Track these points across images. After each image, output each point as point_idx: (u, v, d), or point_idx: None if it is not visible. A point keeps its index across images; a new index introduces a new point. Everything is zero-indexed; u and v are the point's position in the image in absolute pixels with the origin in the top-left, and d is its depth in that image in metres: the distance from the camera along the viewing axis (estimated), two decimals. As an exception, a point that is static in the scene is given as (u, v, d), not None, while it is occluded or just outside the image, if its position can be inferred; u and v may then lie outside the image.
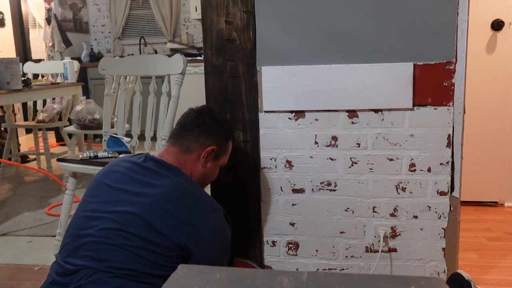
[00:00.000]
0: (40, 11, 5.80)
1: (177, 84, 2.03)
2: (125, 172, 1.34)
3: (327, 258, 1.76)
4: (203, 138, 1.43)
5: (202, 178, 1.46)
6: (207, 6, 1.67)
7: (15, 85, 3.07)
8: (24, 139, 5.59)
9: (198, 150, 1.42)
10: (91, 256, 1.20)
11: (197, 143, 1.42)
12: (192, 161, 1.42)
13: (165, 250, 1.21)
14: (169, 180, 1.31)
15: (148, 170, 1.33)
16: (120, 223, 1.22)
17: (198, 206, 1.29)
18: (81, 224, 1.27)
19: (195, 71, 4.79)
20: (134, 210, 1.23)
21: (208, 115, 1.49)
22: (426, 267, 1.70)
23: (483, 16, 2.64)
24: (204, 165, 1.44)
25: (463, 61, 1.56)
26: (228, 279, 0.55)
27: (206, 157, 1.43)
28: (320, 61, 1.63)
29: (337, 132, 1.67)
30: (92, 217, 1.27)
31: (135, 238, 1.20)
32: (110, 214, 1.25)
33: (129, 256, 1.19)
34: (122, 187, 1.30)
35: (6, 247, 2.43)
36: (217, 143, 1.46)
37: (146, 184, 1.29)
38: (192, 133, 1.43)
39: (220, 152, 1.49)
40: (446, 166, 1.62)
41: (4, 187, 3.62)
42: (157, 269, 1.21)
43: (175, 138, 1.45)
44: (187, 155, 1.42)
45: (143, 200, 1.25)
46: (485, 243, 2.28)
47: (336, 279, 0.56)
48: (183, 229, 1.23)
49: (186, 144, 1.42)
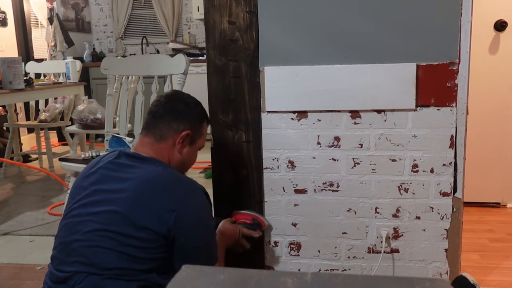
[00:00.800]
0: (42, 10, 5.81)
1: (179, 84, 2.03)
2: (101, 172, 1.32)
3: (329, 258, 1.76)
4: (176, 124, 1.38)
5: (181, 164, 1.42)
6: (210, 6, 1.67)
7: (17, 84, 3.08)
8: (26, 138, 5.60)
9: (172, 136, 1.38)
10: (80, 261, 1.20)
11: (171, 130, 1.38)
12: (168, 149, 1.38)
13: (150, 243, 1.20)
14: (142, 171, 1.28)
15: (122, 165, 1.31)
16: (102, 223, 1.21)
17: (175, 190, 1.26)
18: (66, 231, 1.27)
19: (197, 71, 4.79)
20: (113, 208, 1.22)
21: (178, 100, 1.43)
22: (429, 268, 1.70)
23: (486, 16, 2.64)
24: (181, 151, 1.39)
25: (466, 61, 1.55)
26: (232, 280, 0.55)
27: (181, 142, 1.39)
28: (322, 61, 1.63)
29: (340, 132, 1.67)
30: (75, 222, 1.26)
31: (119, 237, 1.19)
32: (91, 216, 1.23)
33: (116, 255, 1.18)
34: (99, 187, 1.28)
35: (8, 247, 2.43)
36: (191, 126, 1.40)
37: (120, 180, 1.27)
38: (164, 120, 1.38)
39: (196, 136, 1.43)
40: (449, 167, 1.62)
41: (6, 187, 3.62)
42: (146, 264, 1.20)
43: (147, 128, 1.40)
44: (162, 143, 1.37)
45: (119, 196, 1.23)
46: (488, 244, 2.27)
47: (341, 280, 0.55)
48: (164, 216, 1.21)
49: (160, 133, 1.37)
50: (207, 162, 3.95)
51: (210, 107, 1.73)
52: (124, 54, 6.08)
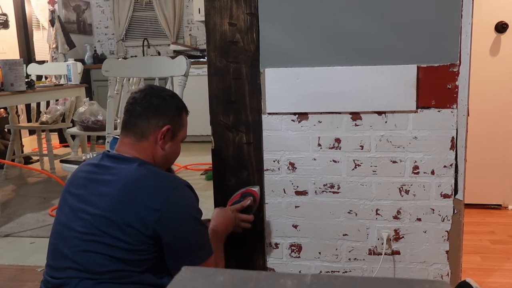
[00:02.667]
0: (43, 12, 5.83)
1: (180, 86, 2.03)
2: (85, 176, 1.31)
3: (330, 260, 1.76)
4: (155, 120, 1.34)
5: (165, 159, 1.39)
6: (211, 8, 1.67)
7: (19, 86, 3.08)
8: (27, 140, 5.61)
9: (153, 133, 1.34)
10: (72, 267, 1.19)
11: (150, 126, 1.34)
12: (150, 146, 1.34)
13: (138, 245, 1.19)
14: (123, 172, 1.26)
15: (104, 167, 1.29)
16: (89, 227, 1.20)
17: (158, 189, 1.24)
18: (57, 239, 1.27)
19: (198, 73, 4.80)
20: (97, 212, 1.21)
21: (153, 95, 1.38)
22: (430, 270, 1.69)
23: (487, 18, 2.64)
24: (163, 146, 1.36)
25: (467, 63, 1.55)
26: (231, 282, 0.55)
27: (163, 138, 1.35)
28: (323, 63, 1.63)
29: (340, 134, 1.67)
30: (64, 229, 1.25)
31: (107, 240, 1.18)
32: (78, 221, 1.23)
33: (107, 259, 1.18)
34: (83, 192, 1.27)
35: (9, 248, 2.43)
36: (171, 120, 1.37)
37: (103, 183, 1.26)
38: (142, 118, 1.34)
39: (176, 129, 1.40)
40: (450, 168, 1.62)
41: (7, 188, 3.63)
42: (138, 266, 1.20)
43: (126, 127, 1.36)
44: (143, 142, 1.34)
45: (103, 199, 1.22)
46: (489, 246, 2.27)
47: (340, 282, 0.55)
48: (148, 216, 1.19)
49: (140, 131, 1.34)
50: (207, 164, 3.95)
51: (211, 109, 1.74)
52: (125, 56, 6.09)
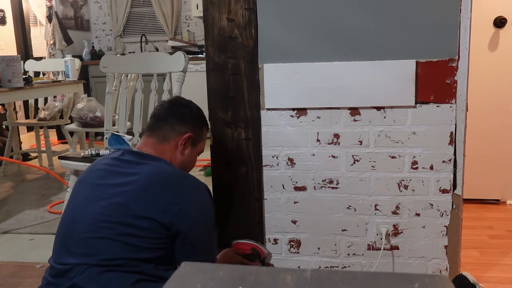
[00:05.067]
0: (41, 8, 5.80)
1: (178, 82, 2.02)
2: (105, 168, 1.36)
3: (329, 256, 1.76)
4: (178, 126, 1.45)
5: (182, 165, 1.47)
6: (209, 4, 1.67)
7: (17, 83, 3.07)
8: (25, 137, 5.59)
9: (175, 138, 1.44)
10: (81, 253, 1.22)
11: (174, 131, 1.44)
12: (170, 150, 1.44)
13: (151, 233, 1.23)
14: (148, 166, 1.33)
15: (127, 162, 1.36)
16: (104, 215, 1.24)
17: (180, 184, 1.32)
18: (68, 225, 1.30)
19: (196, 69, 4.78)
20: (117, 200, 1.25)
21: (181, 104, 1.51)
22: (428, 265, 1.70)
23: (486, 13, 2.63)
24: (183, 152, 1.46)
25: (465, 58, 1.55)
26: (231, 277, 0.55)
27: (183, 144, 1.45)
28: (322, 58, 1.63)
29: (339, 129, 1.67)
30: (78, 216, 1.28)
31: (121, 227, 1.22)
32: (94, 208, 1.26)
33: (118, 245, 1.21)
34: (103, 182, 1.32)
35: (8, 245, 2.43)
36: (193, 129, 1.47)
37: (126, 175, 1.31)
38: (167, 123, 1.45)
39: (197, 139, 1.50)
40: (449, 163, 1.62)
41: (6, 185, 3.62)
42: (146, 253, 1.23)
43: (151, 130, 1.47)
44: (164, 144, 1.43)
45: (124, 189, 1.27)
46: (487, 241, 2.27)
47: (340, 277, 0.55)
48: (168, 209, 1.25)
49: (163, 134, 1.44)
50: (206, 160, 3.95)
51: (210, 105, 1.73)
52: (123, 52, 6.07)
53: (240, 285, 0.53)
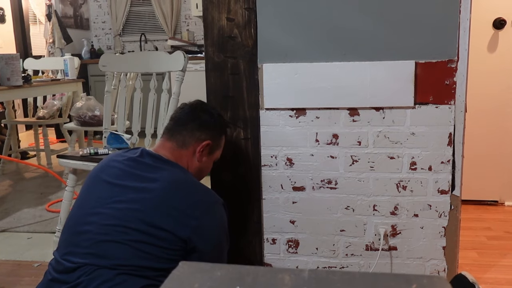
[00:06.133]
0: (40, 7, 5.80)
1: (177, 81, 2.02)
2: (122, 168, 1.33)
3: (327, 256, 1.76)
4: (198, 133, 1.43)
5: (198, 172, 1.46)
6: (208, 3, 1.67)
7: (15, 81, 3.07)
8: (24, 135, 5.59)
9: (194, 144, 1.42)
10: (92, 253, 1.19)
11: (193, 138, 1.42)
12: (188, 156, 1.42)
13: (167, 244, 1.21)
14: (168, 173, 1.31)
15: (146, 165, 1.33)
16: (120, 218, 1.21)
17: (199, 198, 1.30)
18: (80, 221, 1.26)
19: (195, 68, 4.78)
20: (135, 207, 1.22)
21: (202, 110, 1.48)
22: (426, 266, 1.70)
23: (485, 14, 2.64)
24: (200, 159, 1.44)
25: (465, 59, 1.55)
26: (229, 277, 0.55)
27: (201, 151, 1.43)
28: (321, 58, 1.63)
29: (338, 130, 1.67)
30: (91, 213, 1.25)
31: (136, 233, 1.20)
32: (110, 209, 1.24)
33: (131, 251, 1.18)
34: (120, 182, 1.29)
35: (6, 243, 2.43)
36: (212, 137, 1.46)
37: (145, 179, 1.28)
38: (187, 128, 1.43)
39: (215, 147, 1.49)
40: (447, 164, 1.62)
41: (4, 184, 3.62)
42: (159, 262, 1.20)
43: (170, 133, 1.44)
44: (183, 150, 1.41)
45: (143, 196, 1.24)
46: (485, 242, 2.28)
47: (338, 277, 0.55)
48: (187, 222, 1.23)
49: (182, 139, 1.42)
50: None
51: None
52: (123, 51, 6.06)
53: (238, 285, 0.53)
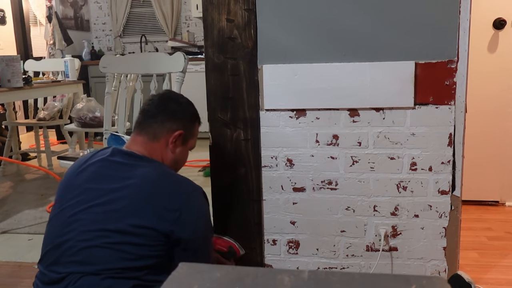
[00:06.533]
0: (41, 8, 5.80)
1: (178, 82, 2.02)
2: (95, 170, 1.30)
3: (327, 257, 1.76)
4: (169, 123, 1.39)
5: (174, 163, 1.42)
6: (208, 4, 1.67)
7: (16, 82, 3.07)
8: (25, 137, 5.59)
9: (165, 136, 1.38)
10: (76, 261, 1.18)
11: (164, 129, 1.38)
12: (161, 148, 1.38)
13: (150, 240, 1.19)
14: (142, 170, 1.28)
15: (118, 164, 1.30)
16: (100, 222, 1.20)
17: (177, 190, 1.27)
18: (60, 230, 1.24)
19: (196, 69, 4.79)
20: (113, 208, 1.21)
21: (171, 99, 1.44)
22: (427, 266, 1.70)
23: (485, 14, 2.63)
24: (174, 150, 1.40)
25: (464, 60, 1.55)
26: (228, 278, 0.55)
27: (174, 142, 1.39)
28: (321, 59, 1.63)
29: (338, 130, 1.67)
30: (70, 221, 1.23)
31: (117, 235, 1.18)
32: (88, 215, 1.22)
33: (114, 254, 1.17)
34: (95, 186, 1.26)
35: (7, 245, 2.43)
36: (184, 126, 1.41)
37: (119, 179, 1.26)
38: (157, 120, 1.38)
39: (188, 136, 1.44)
40: (447, 165, 1.62)
41: (5, 185, 3.62)
42: (144, 260, 1.19)
43: (140, 127, 1.40)
44: (155, 143, 1.37)
45: (119, 196, 1.22)
46: (486, 242, 2.27)
47: (337, 278, 0.55)
48: (167, 216, 1.21)
49: (153, 132, 1.38)
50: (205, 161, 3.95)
51: (209, 105, 1.73)
52: (123, 52, 6.07)
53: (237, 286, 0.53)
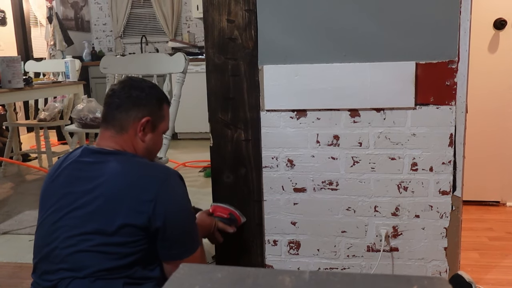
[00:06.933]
0: (41, 9, 5.81)
1: (178, 83, 2.03)
2: (68, 174, 1.28)
3: (328, 257, 1.76)
4: (134, 112, 1.32)
5: (147, 152, 1.37)
6: (209, 5, 1.67)
7: (17, 83, 3.07)
8: (25, 137, 5.60)
9: (132, 125, 1.32)
10: (64, 268, 1.18)
11: (130, 119, 1.32)
12: (131, 139, 1.33)
13: (130, 237, 1.18)
14: (112, 165, 1.25)
15: (89, 164, 1.28)
16: (79, 226, 1.19)
17: (149, 180, 1.23)
18: (45, 240, 1.24)
19: (196, 70, 4.79)
20: (88, 210, 1.20)
21: (132, 86, 1.35)
22: (428, 267, 1.70)
23: (486, 15, 2.63)
24: (143, 138, 1.34)
25: (465, 60, 1.55)
26: (229, 278, 0.55)
27: (143, 130, 1.33)
28: (322, 60, 1.63)
29: (339, 131, 1.67)
30: (53, 229, 1.23)
31: (97, 237, 1.17)
32: (68, 220, 1.21)
33: (98, 256, 1.17)
34: (70, 190, 1.25)
35: (8, 246, 2.43)
36: (150, 112, 1.35)
37: (89, 180, 1.24)
38: (120, 110, 1.32)
39: (157, 120, 1.37)
40: (448, 165, 1.62)
41: (6, 186, 3.62)
42: (129, 258, 1.19)
43: (106, 121, 1.34)
44: (123, 134, 1.32)
45: (92, 196, 1.21)
46: (487, 242, 2.27)
47: (338, 279, 0.55)
48: (142, 209, 1.18)
49: (119, 124, 1.32)
50: (206, 161, 3.95)
51: (209, 106, 1.73)
52: (124, 53, 6.08)
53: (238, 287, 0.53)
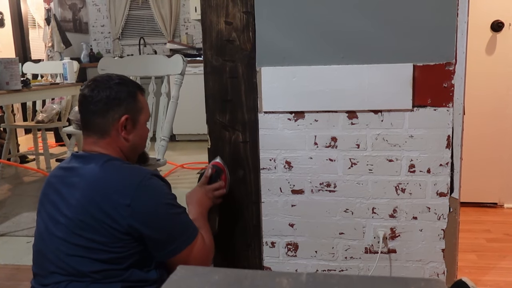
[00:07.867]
0: (39, 11, 5.80)
1: (176, 85, 2.03)
2: (57, 181, 1.29)
3: (326, 259, 1.76)
4: (110, 114, 1.28)
5: (133, 149, 1.35)
6: (207, 7, 1.67)
7: (14, 85, 3.07)
8: (23, 139, 5.59)
9: (113, 127, 1.29)
10: (58, 272, 1.19)
11: (108, 121, 1.28)
12: (114, 140, 1.30)
13: (114, 243, 1.17)
14: (88, 172, 1.23)
15: (73, 170, 1.27)
16: (65, 232, 1.20)
17: (124, 184, 1.21)
18: (40, 245, 1.27)
19: (194, 71, 4.79)
20: (70, 215, 1.20)
21: (99, 88, 1.29)
22: (426, 268, 1.70)
23: (483, 17, 2.64)
24: (127, 137, 1.31)
25: (462, 62, 1.56)
26: (227, 280, 0.55)
27: (124, 129, 1.30)
28: (319, 62, 1.63)
29: (337, 133, 1.67)
30: (44, 237, 1.25)
31: (83, 242, 1.18)
32: (55, 226, 1.23)
33: (89, 262, 1.17)
34: (56, 197, 1.26)
35: (5, 248, 2.42)
36: (127, 109, 1.30)
37: (70, 185, 1.24)
38: (97, 115, 1.28)
39: (135, 114, 1.33)
40: (446, 167, 1.62)
41: (3, 188, 3.61)
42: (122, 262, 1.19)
43: (86, 128, 1.31)
44: (106, 138, 1.29)
45: (72, 202, 1.21)
46: (485, 244, 2.27)
47: (336, 281, 0.55)
48: (120, 214, 1.17)
49: (99, 128, 1.29)
50: (204, 163, 3.95)
51: (207, 108, 1.73)
52: (122, 55, 6.07)
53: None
